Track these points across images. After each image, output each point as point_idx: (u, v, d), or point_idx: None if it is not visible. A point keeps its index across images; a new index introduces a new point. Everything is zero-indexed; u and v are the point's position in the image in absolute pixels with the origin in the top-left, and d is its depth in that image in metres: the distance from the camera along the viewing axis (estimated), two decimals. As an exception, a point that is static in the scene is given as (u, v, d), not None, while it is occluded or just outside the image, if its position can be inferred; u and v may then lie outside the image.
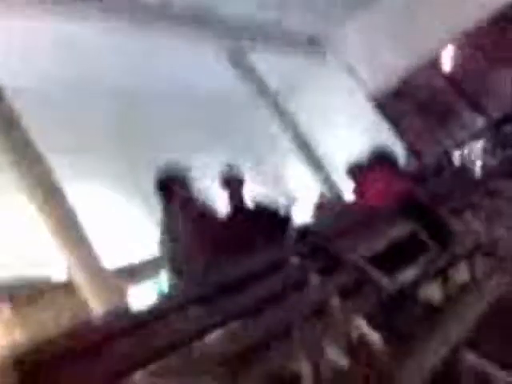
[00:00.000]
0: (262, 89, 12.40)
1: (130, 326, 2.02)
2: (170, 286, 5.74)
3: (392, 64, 13.37)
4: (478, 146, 12.97)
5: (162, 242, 5.48)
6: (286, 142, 12.57)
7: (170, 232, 5.41)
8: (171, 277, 5.39)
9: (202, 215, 5.48)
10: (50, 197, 6.63)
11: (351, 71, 14.10)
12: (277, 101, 12.63)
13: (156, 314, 2.12)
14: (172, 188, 5.45)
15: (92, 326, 2.00)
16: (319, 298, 2.87)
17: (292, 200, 7.16)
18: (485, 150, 12.68)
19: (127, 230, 9.77)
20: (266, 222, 5.83)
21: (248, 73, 12.29)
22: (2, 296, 7.42)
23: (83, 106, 10.00)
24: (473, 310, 3.01)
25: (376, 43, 13.54)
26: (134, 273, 9.34)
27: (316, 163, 12.42)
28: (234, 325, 2.45)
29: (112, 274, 6.99)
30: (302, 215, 11.51)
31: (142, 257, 9.45)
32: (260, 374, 2.18)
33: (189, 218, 5.36)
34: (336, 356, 2.66)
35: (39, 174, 6.68)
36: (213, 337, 2.26)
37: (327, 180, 12.25)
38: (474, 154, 12.90)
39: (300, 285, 2.91)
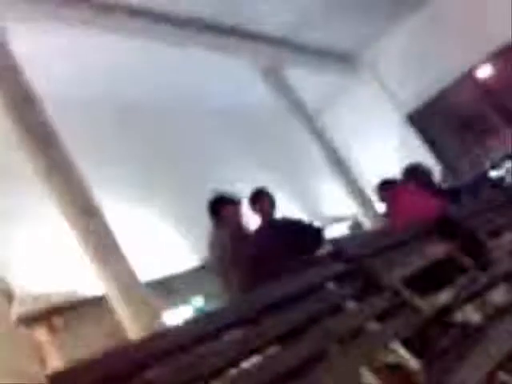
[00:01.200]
0: (295, 105, 12.43)
1: (168, 350, 2.03)
2: (207, 307, 5.81)
3: (426, 80, 13.31)
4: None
5: (210, 262, 5.58)
6: (319, 159, 12.55)
7: (216, 253, 5.49)
8: (207, 297, 5.47)
9: (245, 236, 5.56)
10: (85, 212, 6.69)
11: (385, 88, 14.06)
12: (311, 117, 12.64)
13: (193, 337, 2.13)
14: (222, 210, 5.57)
15: (130, 349, 2.01)
16: (355, 322, 2.86)
17: (325, 218, 7.16)
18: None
19: (160, 246, 9.83)
20: (300, 237, 5.82)
21: (282, 89, 12.34)
22: (39, 315, 7.51)
23: (119, 122, 10.13)
24: (510, 333, 2.97)
25: (409, 59, 13.50)
26: (169, 287, 9.38)
27: (350, 180, 12.37)
28: (271, 350, 2.45)
29: (147, 290, 7.03)
30: (336, 233, 11.50)
31: (174, 271, 9.50)
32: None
33: (235, 237, 5.44)
34: (373, 381, 2.64)
35: (75, 190, 6.75)
36: (250, 362, 2.26)
37: (361, 197, 12.18)
38: (511, 173, 12.72)
39: (336, 309, 2.90)
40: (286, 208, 6.65)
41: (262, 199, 6.08)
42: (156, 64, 10.13)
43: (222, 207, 5.59)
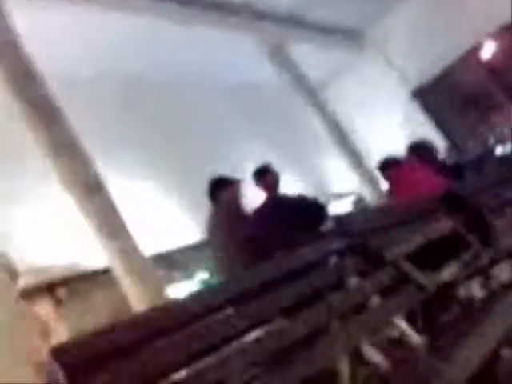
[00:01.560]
0: (301, 82, 12.38)
1: (171, 325, 2.04)
2: (210, 282, 5.87)
3: (431, 56, 13.22)
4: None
5: (209, 242, 5.64)
6: (324, 135, 12.52)
7: (215, 233, 5.54)
8: (212, 273, 5.54)
9: (243, 216, 5.60)
10: (89, 187, 6.70)
11: (390, 64, 13.98)
12: (316, 93, 12.60)
13: (197, 313, 2.13)
14: (220, 193, 5.62)
15: (135, 322, 2.02)
16: (358, 297, 2.86)
17: (330, 194, 7.17)
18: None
19: (165, 220, 9.86)
20: (303, 214, 5.85)
21: (288, 66, 12.29)
22: (41, 287, 7.54)
23: (123, 97, 10.11)
24: (515, 309, 2.97)
25: (415, 35, 13.41)
26: (172, 261, 9.42)
27: (354, 156, 12.35)
28: (272, 324, 2.46)
29: (152, 262, 7.07)
30: (340, 209, 11.51)
31: (178, 245, 9.54)
32: (298, 372, 2.18)
33: (231, 218, 5.48)
34: (374, 355, 2.65)
35: (79, 166, 6.76)
36: (251, 336, 2.27)
37: (366, 173, 12.17)
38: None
39: (339, 284, 2.90)
40: (290, 184, 6.64)
41: (266, 176, 6.10)
42: (161, 42, 10.08)
43: (219, 189, 5.63)
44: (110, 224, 6.69)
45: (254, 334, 2.28)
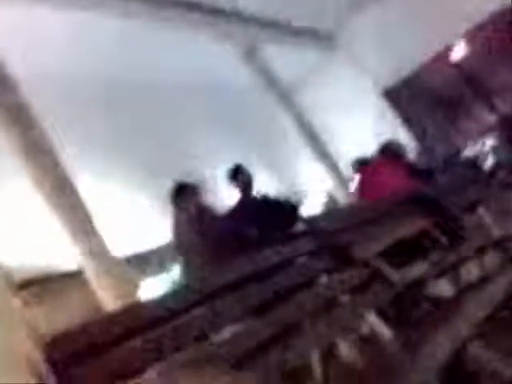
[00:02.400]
0: (273, 82, 12.42)
1: (142, 324, 2.04)
2: (181, 282, 5.86)
3: (402, 57, 13.34)
4: (489, 141, 12.92)
5: (175, 244, 5.66)
6: (296, 136, 12.58)
7: (180, 234, 5.55)
8: (181, 273, 5.55)
9: (209, 219, 5.62)
10: (60, 186, 6.66)
11: (361, 64, 14.08)
12: (288, 94, 12.65)
13: (168, 310, 2.14)
14: (184, 195, 5.64)
15: (108, 321, 2.02)
16: (328, 295, 2.88)
17: (302, 194, 7.21)
18: (495, 145, 12.63)
19: (135, 220, 9.82)
20: (275, 214, 5.89)
21: (259, 66, 12.31)
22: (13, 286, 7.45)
23: (97, 98, 10.04)
24: (482, 305, 3.02)
25: (386, 36, 13.53)
26: (145, 261, 9.39)
27: (326, 156, 12.42)
28: (243, 323, 2.47)
29: (122, 263, 7.05)
30: (312, 209, 11.56)
31: (149, 246, 9.51)
32: (270, 369, 2.19)
33: (197, 219, 5.50)
34: (346, 350, 2.68)
35: (49, 164, 6.71)
36: (222, 335, 2.28)
37: (337, 173, 12.25)
38: (484, 149, 12.85)
39: (309, 283, 2.92)
40: (262, 184, 6.67)
41: (238, 176, 6.14)
42: (135, 43, 10.05)
43: (181, 195, 5.66)
44: (81, 224, 6.66)
45: (225, 333, 2.29)
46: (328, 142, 12.82)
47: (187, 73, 11.46)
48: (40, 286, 7.76)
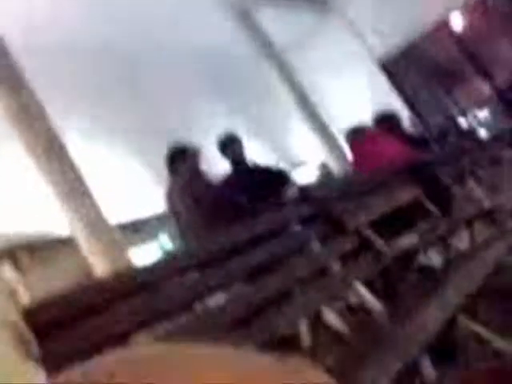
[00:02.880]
0: (266, 47, 12.30)
1: (134, 288, 2.04)
2: (172, 247, 5.89)
3: (399, 27, 13.22)
4: (484, 113, 12.91)
5: (169, 211, 5.67)
6: (289, 103, 12.51)
7: (175, 201, 5.56)
8: (174, 238, 5.56)
9: (205, 184, 5.62)
10: (52, 151, 6.62)
11: (356, 31, 13.95)
12: (281, 60, 12.54)
13: (159, 276, 2.14)
14: (180, 160, 5.63)
15: (97, 287, 2.02)
16: (319, 263, 2.90)
17: (295, 162, 7.21)
18: (490, 118, 12.63)
19: (131, 188, 9.81)
20: (266, 182, 5.90)
21: (253, 29, 12.18)
22: (4, 253, 7.48)
23: (86, 63, 9.95)
24: (472, 277, 3.04)
25: (383, 5, 13.37)
26: (137, 229, 9.40)
27: (320, 125, 12.36)
28: (235, 288, 2.49)
29: (114, 229, 7.04)
30: (305, 177, 11.57)
31: (144, 214, 9.52)
32: (260, 335, 2.21)
33: (191, 185, 5.50)
34: (334, 319, 2.70)
35: (41, 129, 6.66)
36: (214, 300, 2.29)
37: (330, 141, 12.21)
38: (478, 121, 12.86)
39: (301, 250, 2.93)
40: (255, 152, 6.65)
41: (231, 145, 6.12)
42: (126, 7, 9.92)
43: (178, 158, 5.64)
44: (74, 191, 6.63)
45: (217, 298, 2.30)
46: (322, 108, 12.75)
47: (181, 37, 11.35)
48: (32, 251, 7.77)
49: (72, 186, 6.62)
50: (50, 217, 7.35)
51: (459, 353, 2.90)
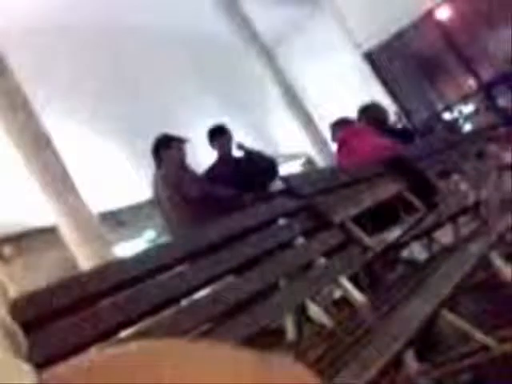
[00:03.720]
0: (252, 38, 12.27)
1: (119, 281, 2.04)
2: (158, 241, 5.88)
3: (385, 18, 13.22)
4: (469, 107, 12.97)
5: (155, 202, 5.67)
6: (275, 95, 12.50)
7: (161, 192, 5.55)
8: (160, 230, 5.56)
9: (190, 176, 5.62)
10: (35, 141, 6.58)
11: (342, 24, 13.95)
12: (267, 51, 12.52)
13: (145, 270, 2.14)
14: (164, 151, 5.63)
15: (82, 280, 2.01)
16: (304, 257, 2.91)
17: (279, 155, 7.22)
18: (474, 112, 12.69)
19: (114, 176, 9.77)
20: (254, 172, 5.93)
21: (239, 19, 12.15)
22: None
23: (73, 46, 9.87)
24: (456, 272, 3.05)
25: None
26: (122, 221, 9.37)
27: (304, 117, 12.37)
28: (221, 283, 2.49)
29: (98, 221, 7.02)
30: (289, 169, 11.58)
31: (127, 202, 9.48)
32: (245, 329, 2.22)
33: (177, 177, 5.50)
34: (319, 313, 2.71)
35: (25, 119, 6.62)
36: (200, 295, 2.29)
37: (315, 134, 12.23)
38: (463, 115, 12.92)
39: (285, 244, 2.94)
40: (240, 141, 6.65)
41: (220, 136, 6.15)
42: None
43: (163, 148, 5.63)
44: (58, 181, 6.60)
45: (203, 292, 2.30)
46: (307, 101, 12.76)
47: (167, 22, 11.28)
48: (17, 243, 7.72)
49: (55, 175, 6.59)
50: (33, 208, 7.31)
51: (442, 347, 2.92)
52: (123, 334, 1.89)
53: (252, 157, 6.22)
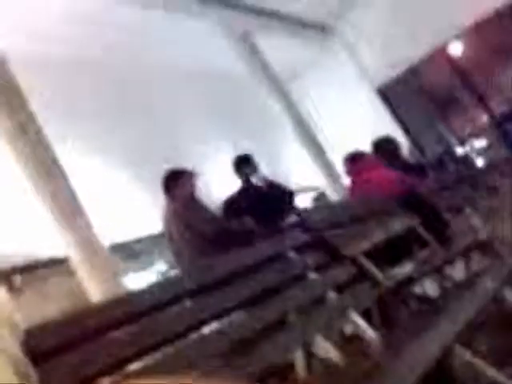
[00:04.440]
0: (266, 73, 12.36)
1: (129, 314, 2.03)
2: (169, 273, 5.86)
3: (397, 54, 13.30)
4: (481, 142, 12.96)
5: (166, 236, 5.66)
6: (288, 129, 12.54)
7: (169, 224, 5.55)
8: (171, 263, 5.54)
9: (200, 210, 5.61)
10: (45, 170, 6.60)
11: (356, 59, 14.05)
12: (281, 86, 12.60)
13: (153, 304, 2.13)
14: (174, 185, 5.63)
15: (91, 313, 2.01)
16: (316, 292, 2.89)
17: (292, 187, 7.23)
18: (487, 147, 12.68)
19: (124, 208, 9.78)
20: (273, 203, 5.94)
21: (253, 54, 12.25)
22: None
23: (88, 79, 9.96)
24: (468, 307, 3.03)
25: (382, 32, 13.48)
26: (132, 253, 9.36)
27: (318, 151, 12.39)
28: (231, 317, 2.47)
29: (109, 252, 7.01)
30: (302, 203, 11.56)
31: (138, 235, 9.48)
32: (255, 365, 2.19)
33: (185, 212, 5.50)
34: (329, 349, 2.68)
35: (33, 146, 6.64)
36: (209, 329, 2.28)
37: (328, 167, 12.23)
38: (476, 150, 12.91)
39: (298, 278, 2.93)
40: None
41: (246, 166, 6.21)
42: (126, 26, 9.98)
43: (172, 183, 5.64)
44: (69, 211, 6.60)
45: (212, 327, 2.29)
46: (320, 136, 12.79)
47: (180, 58, 11.41)
48: (27, 273, 7.72)
49: (68, 206, 6.60)
50: (43, 239, 7.32)
51: (455, 384, 2.88)
52: (132, 366, 1.88)
53: (273, 188, 6.25)
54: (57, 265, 7.50)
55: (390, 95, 14.03)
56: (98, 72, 10.09)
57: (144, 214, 9.78)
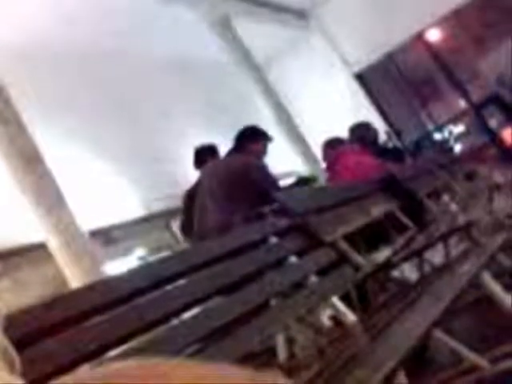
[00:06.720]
0: (245, 57, 12.32)
1: (109, 300, 2.02)
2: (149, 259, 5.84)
3: (376, 40, 13.32)
4: (459, 127, 13.05)
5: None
6: (267, 114, 12.53)
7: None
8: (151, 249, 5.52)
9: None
10: (27, 156, 6.56)
11: (334, 45, 14.05)
12: (260, 70, 12.57)
13: (133, 290, 2.12)
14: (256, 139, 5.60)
15: (74, 298, 2.00)
16: (296, 276, 2.90)
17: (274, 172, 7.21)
18: (465, 133, 12.77)
19: (105, 195, 9.73)
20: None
21: (232, 41, 12.19)
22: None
23: (66, 69, 9.89)
24: (447, 292, 3.05)
25: (360, 18, 13.47)
26: (111, 236, 9.32)
27: (296, 136, 12.39)
28: (212, 301, 2.47)
29: (88, 237, 6.98)
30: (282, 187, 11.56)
31: (117, 220, 9.44)
32: (237, 348, 2.20)
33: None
34: (310, 334, 2.70)
35: (15, 134, 6.59)
36: (190, 313, 2.28)
37: (307, 153, 12.25)
38: (454, 136, 13.00)
39: (278, 263, 2.93)
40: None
41: (208, 156, 6.15)
42: (106, 11, 9.89)
43: (253, 136, 5.69)
44: (47, 197, 6.57)
45: (193, 311, 2.29)
46: (299, 121, 12.79)
47: (159, 45, 11.34)
48: (4, 260, 7.66)
49: (47, 192, 6.56)
50: (22, 224, 7.27)
51: (434, 367, 2.92)
52: (114, 351, 1.87)
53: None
54: (36, 251, 7.46)
55: (369, 81, 14.06)
56: (84, 64, 10.04)
57: (124, 199, 9.75)
